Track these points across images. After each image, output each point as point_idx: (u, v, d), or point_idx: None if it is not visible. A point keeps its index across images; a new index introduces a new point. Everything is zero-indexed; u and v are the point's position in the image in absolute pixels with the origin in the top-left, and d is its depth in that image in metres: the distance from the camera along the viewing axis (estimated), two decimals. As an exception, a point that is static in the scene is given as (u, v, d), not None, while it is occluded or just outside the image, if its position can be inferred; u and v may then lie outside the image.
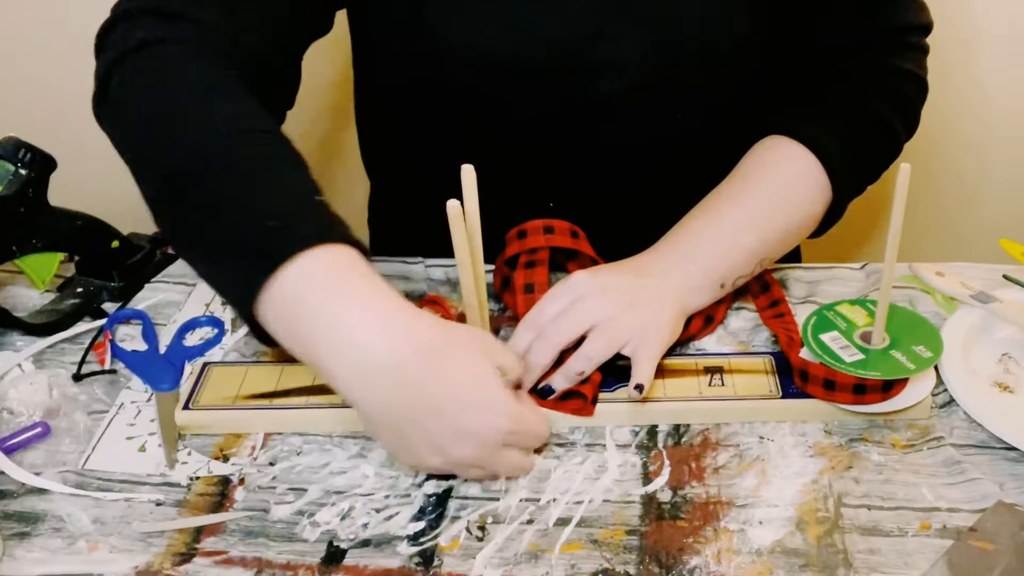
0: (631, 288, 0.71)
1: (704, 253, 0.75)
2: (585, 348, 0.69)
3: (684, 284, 0.74)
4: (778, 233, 0.77)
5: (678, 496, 0.64)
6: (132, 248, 0.88)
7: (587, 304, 0.70)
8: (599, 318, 0.69)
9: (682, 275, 0.74)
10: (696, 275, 0.74)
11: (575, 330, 0.69)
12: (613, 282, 0.72)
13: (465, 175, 0.64)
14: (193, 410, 0.70)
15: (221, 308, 0.84)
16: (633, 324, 0.69)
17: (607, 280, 0.72)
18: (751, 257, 0.76)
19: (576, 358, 0.69)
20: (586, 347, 0.69)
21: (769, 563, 0.59)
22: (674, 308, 0.72)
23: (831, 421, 0.69)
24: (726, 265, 0.75)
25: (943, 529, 0.60)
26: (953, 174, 1.31)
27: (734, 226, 0.76)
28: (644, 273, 0.74)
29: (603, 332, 0.69)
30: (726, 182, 0.79)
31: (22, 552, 0.61)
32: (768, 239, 0.76)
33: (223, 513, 0.64)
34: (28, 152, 0.79)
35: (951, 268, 0.83)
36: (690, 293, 0.74)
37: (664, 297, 0.72)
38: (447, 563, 0.60)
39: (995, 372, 0.73)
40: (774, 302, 0.79)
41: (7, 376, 0.76)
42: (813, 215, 0.79)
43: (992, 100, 1.25)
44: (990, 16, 1.17)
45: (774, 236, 0.77)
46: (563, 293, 0.71)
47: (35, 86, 1.38)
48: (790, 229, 0.78)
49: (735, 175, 0.80)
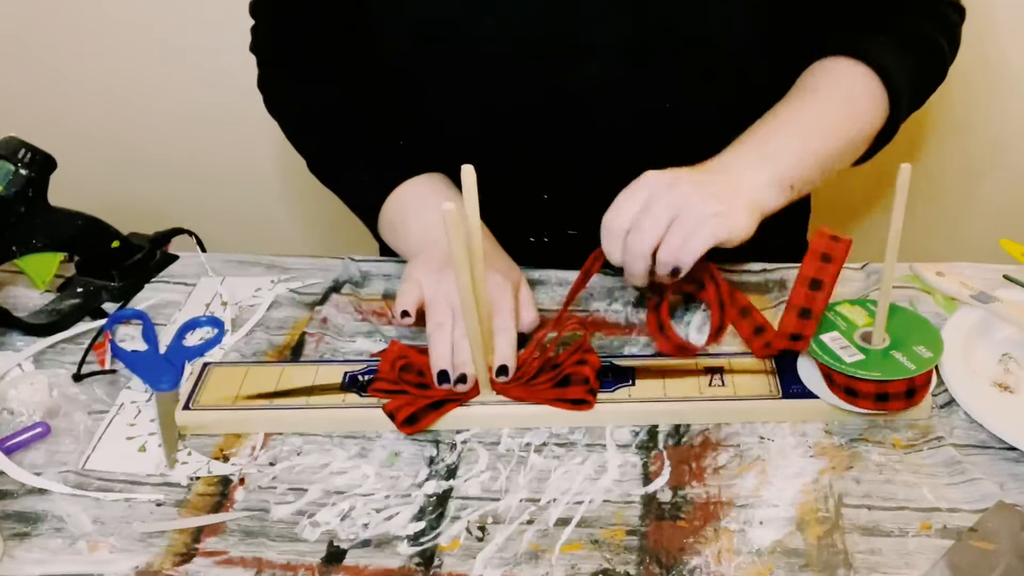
0: (705, 182, 0.72)
1: (775, 153, 0.75)
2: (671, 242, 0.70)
3: (756, 181, 0.74)
4: (843, 142, 0.78)
5: (678, 496, 0.64)
6: (132, 248, 0.88)
7: (662, 201, 0.70)
8: (678, 209, 0.70)
9: (754, 173, 0.74)
10: (767, 174, 0.74)
11: (657, 230, 0.70)
12: (684, 176, 0.72)
13: (465, 175, 0.64)
14: (193, 410, 0.70)
15: (221, 308, 0.84)
16: (713, 209, 0.70)
17: (678, 175, 0.72)
18: (818, 162, 0.77)
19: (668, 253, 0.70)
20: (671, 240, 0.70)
21: (769, 563, 0.59)
22: (747, 204, 0.72)
23: (831, 421, 0.69)
24: (796, 167, 0.76)
25: (943, 529, 0.60)
26: (954, 174, 1.31)
27: (803, 130, 0.77)
28: (716, 170, 0.74)
29: (686, 221, 0.70)
30: (794, 91, 0.81)
31: (22, 552, 0.61)
32: (834, 147, 0.78)
33: (223, 513, 0.64)
34: (28, 152, 0.79)
35: (951, 268, 0.83)
36: (761, 191, 0.74)
37: (739, 192, 0.72)
38: (447, 563, 0.60)
39: (995, 372, 0.73)
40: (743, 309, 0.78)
41: (7, 376, 0.76)
42: (872, 131, 0.81)
43: (993, 100, 1.25)
44: (993, 16, 1.17)
45: (839, 145, 0.78)
46: (637, 190, 0.72)
47: (35, 86, 1.38)
48: (854, 140, 0.79)
49: (802, 87, 0.81)
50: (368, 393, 0.71)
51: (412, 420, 0.68)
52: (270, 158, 1.41)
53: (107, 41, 1.33)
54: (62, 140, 0.88)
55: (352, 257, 0.89)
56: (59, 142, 0.85)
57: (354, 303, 0.84)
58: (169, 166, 1.42)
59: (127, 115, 1.39)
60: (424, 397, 0.69)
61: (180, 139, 1.40)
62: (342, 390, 0.71)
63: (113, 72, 1.36)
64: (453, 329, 0.71)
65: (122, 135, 1.40)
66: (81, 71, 1.36)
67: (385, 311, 0.83)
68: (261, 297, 0.85)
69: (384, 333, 0.80)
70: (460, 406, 0.69)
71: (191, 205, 1.39)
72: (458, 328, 0.71)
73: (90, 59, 1.35)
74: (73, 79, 1.37)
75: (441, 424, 0.69)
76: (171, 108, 1.38)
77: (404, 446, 0.69)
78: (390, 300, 0.84)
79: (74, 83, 1.37)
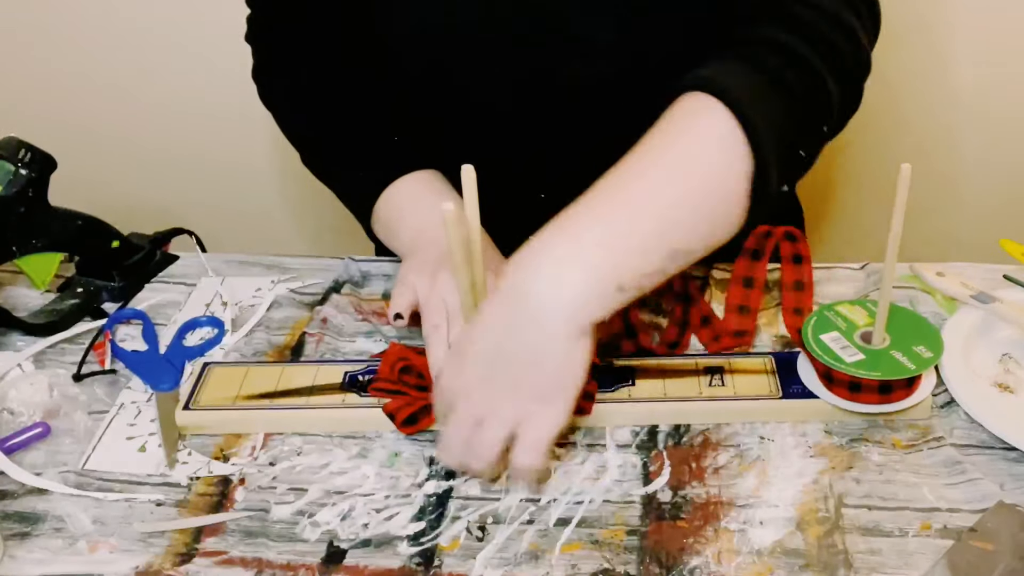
0: (500, 356, 0.60)
1: (588, 245, 0.59)
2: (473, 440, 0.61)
3: (562, 296, 0.58)
4: (691, 216, 0.60)
5: (678, 496, 0.64)
6: (132, 248, 0.88)
7: (459, 411, 0.61)
8: (480, 412, 0.61)
9: (557, 281, 0.58)
10: (578, 275, 0.58)
11: (459, 443, 0.62)
12: (477, 358, 0.61)
13: (465, 175, 0.64)
14: (193, 410, 0.70)
15: (221, 308, 0.84)
16: (512, 408, 0.60)
17: (471, 360, 0.61)
18: (657, 248, 0.60)
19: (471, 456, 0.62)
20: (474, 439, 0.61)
21: (769, 563, 0.59)
22: (558, 346, 0.58)
23: (831, 421, 0.69)
24: (622, 259, 0.59)
25: (943, 529, 0.60)
26: (954, 174, 1.31)
27: (628, 208, 0.60)
28: (512, 300, 0.60)
29: (488, 426, 0.61)
30: (628, 156, 0.63)
31: (22, 552, 0.61)
32: (678, 224, 0.60)
33: (223, 513, 0.64)
34: (28, 152, 0.79)
35: (951, 268, 0.83)
36: (575, 306, 0.58)
37: (539, 333, 0.58)
38: (447, 563, 0.60)
39: (995, 372, 0.73)
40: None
41: (7, 376, 0.76)
42: (731, 186, 0.61)
43: (993, 100, 1.25)
44: (992, 16, 1.17)
45: (686, 221, 0.60)
46: (437, 397, 0.65)
47: (35, 86, 1.38)
48: (705, 212, 0.61)
49: (637, 145, 0.63)
50: (368, 394, 0.71)
51: (412, 420, 0.68)
52: (270, 158, 1.41)
53: (107, 41, 1.33)
54: (62, 140, 0.88)
55: (352, 257, 0.89)
56: (59, 142, 0.85)
57: (354, 303, 0.84)
58: (169, 166, 1.42)
59: (127, 115, 1.39)
60: (424, 399, 0.69)
61: (180, 139, 1.40)
62: (342, 390, 0.71)
63: (113, 72, 1.36)
64: (449, 331, 0.71)
65: (122, 135, 1.41)
66: (81, 71, 1.36)
67: (385, 311, 0.83)
68: (261, 297, 0.85)
69: (384, 333, 0.80)
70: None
71: (191, 205, 1.39)
72: (455, 329, 0.71)
73: (90, 59, 1.35)
74: (73, 79, 1.37)
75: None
76: (171, 108, 1.38)
77: (404, 446, 0.69)
78: (390, 300, 0.84)
79: (74, 83, 1.37)
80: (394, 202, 0.81)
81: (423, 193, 0.81)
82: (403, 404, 0.69)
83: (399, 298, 0.74)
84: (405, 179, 0.82)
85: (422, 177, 0.82)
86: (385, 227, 0.82)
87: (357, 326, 0.82)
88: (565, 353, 0.59)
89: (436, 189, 0.81)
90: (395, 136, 0.85)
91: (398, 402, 0.69)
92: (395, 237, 0.81)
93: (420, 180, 0.82)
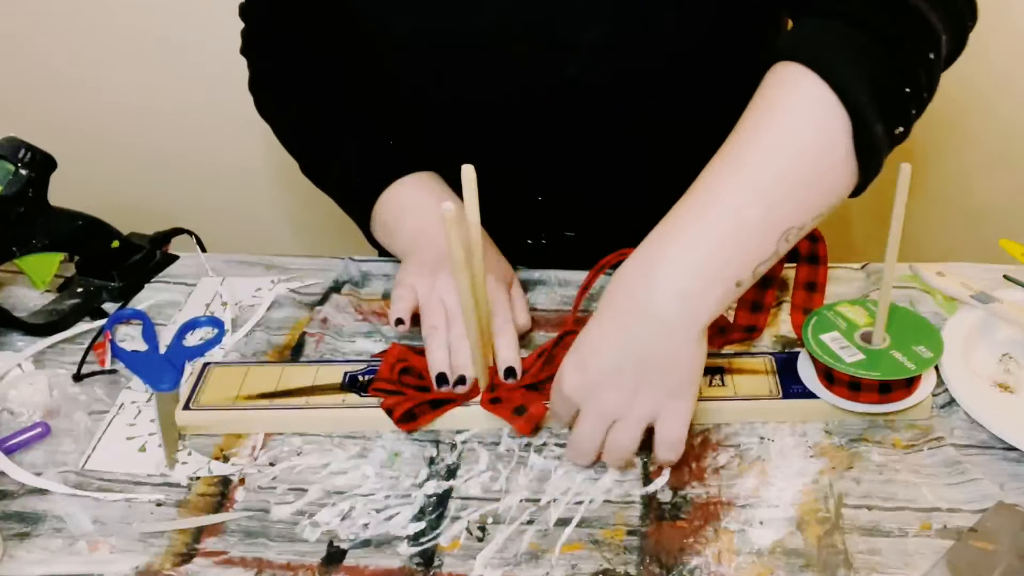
0: (627, 362, 0.61)
1: (701, 248, 0.60)
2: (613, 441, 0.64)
3: (686, 307, 0.60)
4: (795, 193, 0.60)
5: (678, 496, 0.64)
6: (132, 248, 0.88)
7: (590, 414, 0.63)
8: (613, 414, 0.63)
9: (679, 292, 0.60)
10: (698, 282, 0.60)
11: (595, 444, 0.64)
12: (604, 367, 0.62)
13: (465, 175, 0.64)
14: (193, 410, 0.70)
15: (221, 308, 0.84)
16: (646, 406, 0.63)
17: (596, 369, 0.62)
18: (766, 233, 0.60)
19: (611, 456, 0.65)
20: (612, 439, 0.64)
21: (770, 563, 0.59)
22: (686, 350, 0.61)
23: (831, 421, 0.69)
24: (735, 254, 0.60)
25: (943, 529, 0.60)
26: (953, 174, 1.31)
27: (731, 199, 0.60)
28: (633, 312, 0.61)
29: (626, 427, 0.63)
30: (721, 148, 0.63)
31: (22, 552, 0.61)
32: (782, 204, 0.60)
33: (223, 513, 0.64)
34: (28, 152, 0.79)
35: (951, 268, 0.83)
36: (697, 312, 0.60)
37: (667, 343, 0.60)
38: (447, 563, 0.60)
39: (995, 372, 0.73)
40: None
41: (7, 376, 0.76)
42: (833, 151, 0.60)
43: (993, 100, 1.25)
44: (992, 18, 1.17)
45: (791, 199, 0.60)
46: (559, 402, 0.65)
47: (35, 86, 1.38)
48: (811, 185, 0.61)
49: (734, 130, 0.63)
50: (368, 394, 0.71)
51: (410, 417, 0.68)
52: (271, 158, 1.41)
53: (107, 41, 1.33)
54: (62, 140, 0.88)
55: (352, 257, 0.89)
56: (59, 142, 0.85)
57: (354, 303, 0.84)
58: (169, 166, 1.42)
59: (127, 115, 1.39)
60: (423, 398, 0.69)
61: (180, 139, 1.40)
62: (342, 390, 0.71)
63: (113, 72, 1.36)
64: (448, 331, 0.71)
65: (122, 135, 1.41)
66: (81, 71, 1.36)
67: (385, 311, 0.83)
68: (261, 297, 0.85)
69: (384, 333, 0.80)
70: (459, 406, 0.69)
71: (191, 205, 1.39)
72: (454, 330, 0.71)
73: (90, 59, 1.35)
74: (73, 79, 1.37)
75: (441, 424, 0.69)
76: (171, 108, 1.38)
77: (404, 446, 0.69)
78: (390, 300, 0.84)
79: (74, 83, 1.37)
80: (392, 204, 0.81)
81: (421, 195, 0.81)
82: (400, 400, 0.69)
83: (399, 302, 0.74)
84: (403, 181, 0.82)
85: (420, 179, 0.82)
86: (384, 229, 0.82)
87: (357, 326, 0.82)
88: (693, 355, 0.62)
89: (434, 190, 0.81)
90: (391, 140, 0.85)
91: (396, 398, 0.69)
92: (394, 239, 0.81)
93: (418, 182, 0.82)
